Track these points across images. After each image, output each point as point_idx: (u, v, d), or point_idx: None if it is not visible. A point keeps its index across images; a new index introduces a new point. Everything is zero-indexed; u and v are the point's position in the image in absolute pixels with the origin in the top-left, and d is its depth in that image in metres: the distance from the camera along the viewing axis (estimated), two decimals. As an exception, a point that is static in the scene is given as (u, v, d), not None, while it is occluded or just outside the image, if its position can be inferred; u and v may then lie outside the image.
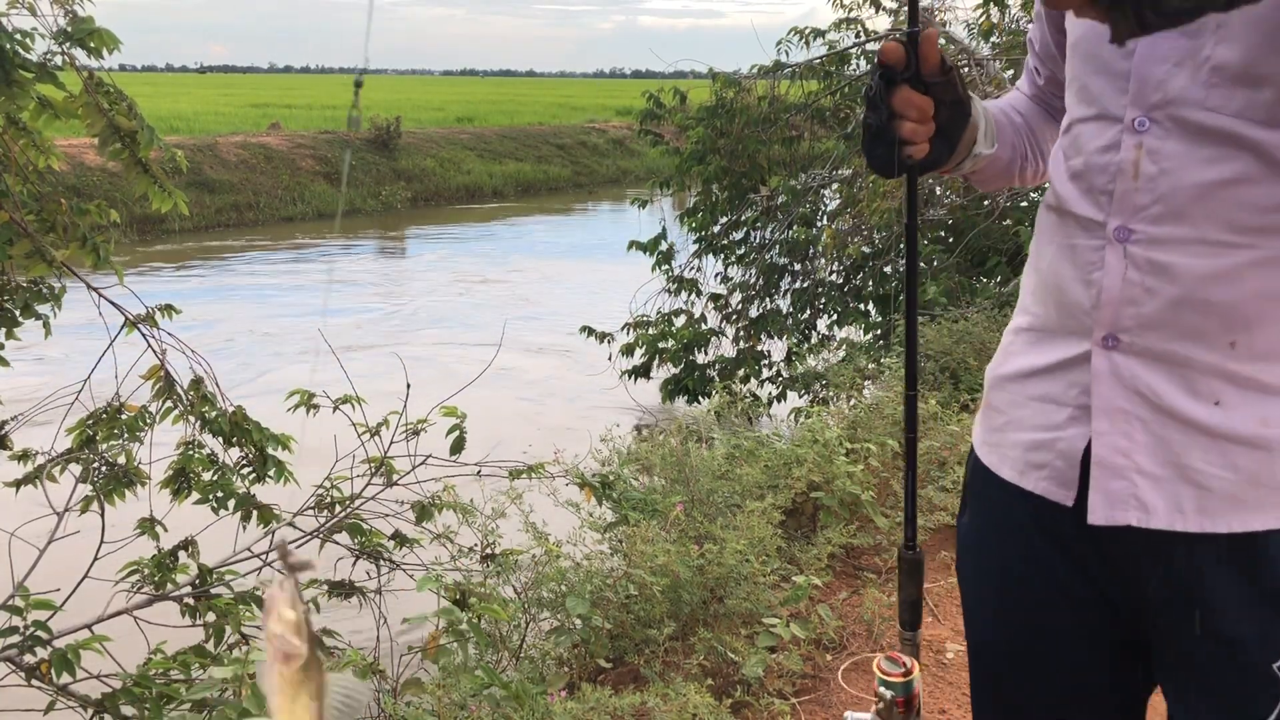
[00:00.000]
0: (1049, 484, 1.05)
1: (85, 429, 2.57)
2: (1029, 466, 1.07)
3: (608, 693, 2.31)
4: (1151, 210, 0.94)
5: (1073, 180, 1.01)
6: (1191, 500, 0.96)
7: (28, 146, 2.28)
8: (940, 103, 1.05)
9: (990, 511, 1.14)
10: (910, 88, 1.03)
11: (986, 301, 5.84)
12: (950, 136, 1.08)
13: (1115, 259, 0.96)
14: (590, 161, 29.35)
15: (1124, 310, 0.96)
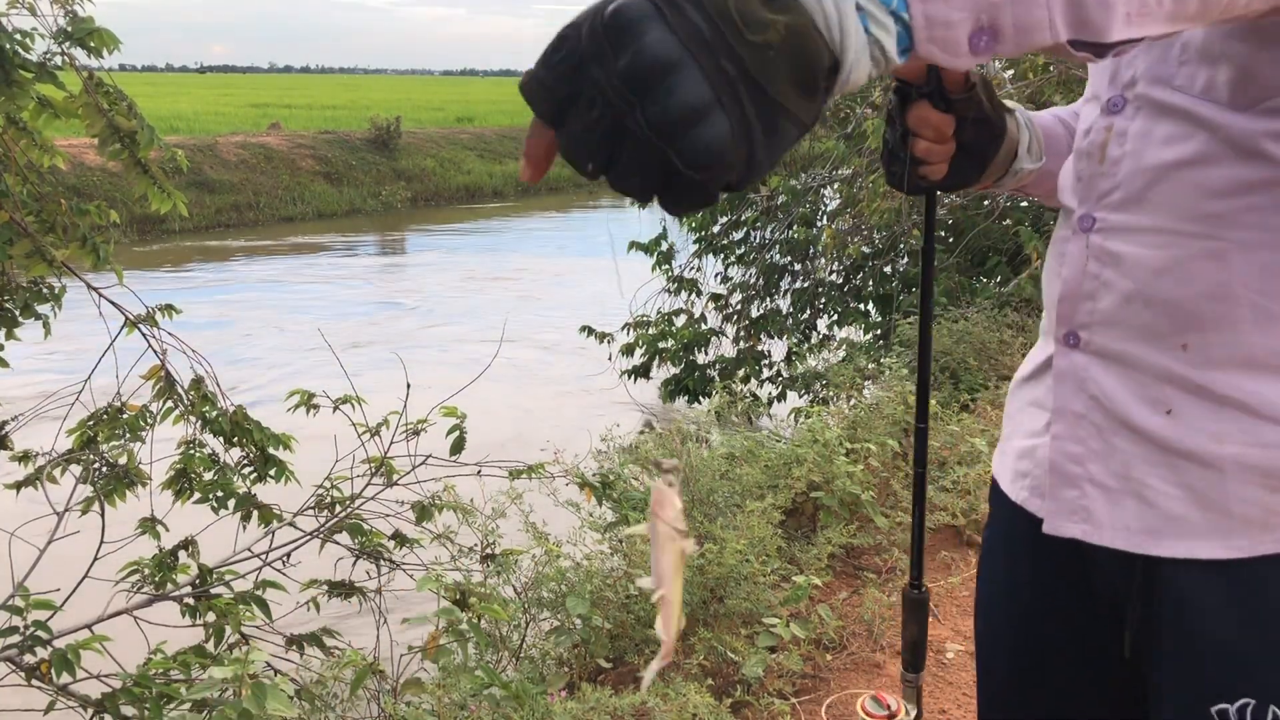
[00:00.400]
0: (1029, 494, 1.00)
1: (86, 429, 2.57)
2: (1017, 475, 1.03)
3: (608, 693, 2.32)
4: (1113, 196, 0.90)
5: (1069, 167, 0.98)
6: (1137, 518, 0.90)
7: (29, 146, 2.28)
8: (964, 120, 0.99)
9: (997, 523, 1.10)
10: (930, 104, 0.97)
11: (986, 301, 5.84)
12: (979, 155, 1.02)
13: (1077, 249, 0.93)
14: (590, 161, 29.33)
15: (1081, 305, 0.92)
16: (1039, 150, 1.08)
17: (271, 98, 41.29)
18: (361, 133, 24.55)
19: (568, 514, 3.20)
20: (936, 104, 0.97)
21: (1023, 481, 1.01)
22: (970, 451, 3.70)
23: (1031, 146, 1.07)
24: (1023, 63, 6.44)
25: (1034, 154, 1.07)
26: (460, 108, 38.78)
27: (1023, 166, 1.06)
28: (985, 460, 3.66)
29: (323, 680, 2.36)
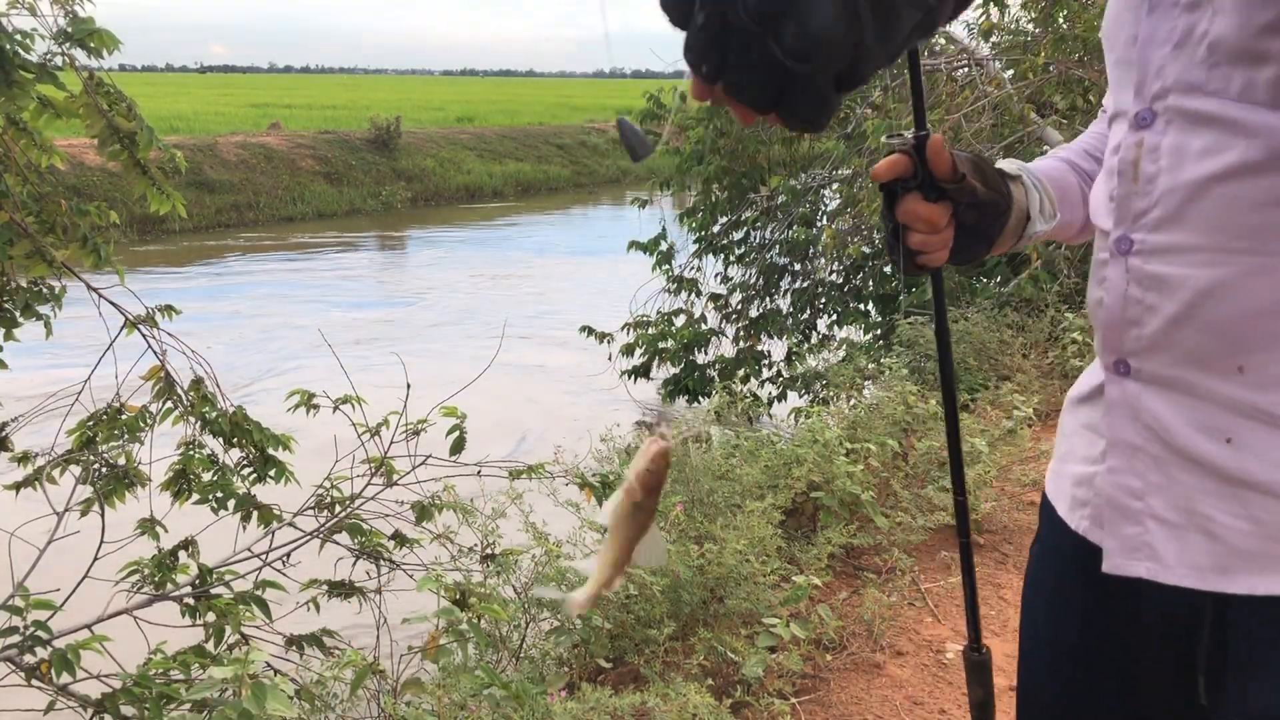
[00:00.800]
0: (1090, 525, 0.95)
1: (85, 430, 2.57)
2: (1076, 503, 0.98)
3: (608, 693, 2.32)
4: (1151, 215, 0.85)
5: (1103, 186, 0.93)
6: (1205, 554, 0.85)
7: (28, 146, 2.28)
8: (961, 205, 0.96)
9: (1048, 540, 1.05)
10: (920, 195, 0.94)
11: (986, 301, 5.85)
12: (984, 233, 0.99)
13: (1117, 274, 0.88)
14: (590, 161, 29.35)
15: (1127, 332, 0.87)
16: (1051, 209, 1.04)
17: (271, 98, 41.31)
18: (361, 133, 24.56)
19: (568, 514, 3.20)
20: (927, 195, 0.94)
21: (1082, 511, 0.97)
22: (970, 451, 3.70)
23: (1044, 207, 1.03)
24: (1023, 63, 6.44)
25: (1047, 214, 1.04)
26: (460, 108, 38.80)
27: (1036, 230, 1.03)
28: (985, 460, 3.66)
29: (323, 680, 2.36)
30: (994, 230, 0.99)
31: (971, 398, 4.64)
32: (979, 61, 6.81)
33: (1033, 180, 1.03)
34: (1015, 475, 3.90)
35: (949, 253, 0.99)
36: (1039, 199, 1.03)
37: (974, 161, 0.96)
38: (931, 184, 0.94)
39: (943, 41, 7.41)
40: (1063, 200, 1.06)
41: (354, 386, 2.76)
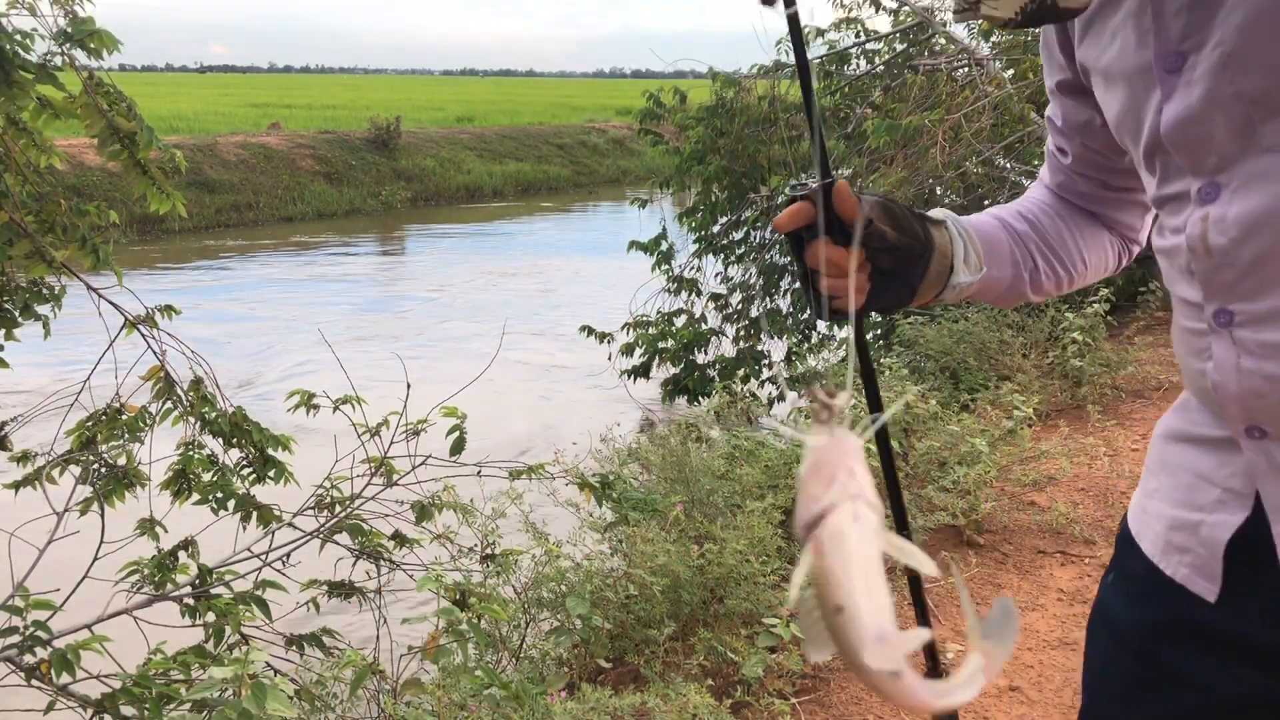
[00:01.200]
0: (1190, 573, 0.91)
1: (85, 430, 2.57)
2: (1170, 548, 0.93)
3: (608, 693, 2.32)
4: (1245, 285, 0.80)
5: (1163, 258, 0.89)
6: None
7: (28, 146, 2.28)
8: (873, 249, 0.94)
9: (1131, 584, 1.00)
10: (830, 241, 0.92)
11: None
12: (904, 278, 0.97)
13: (1224, 349, 0.83)
14: (590, 161, 29.35)
15: (1253, 404, 0.83)
16: (977, 261, 1.03)
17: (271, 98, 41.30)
18: (361, 133, 24.57)
19: (568, 514, 3.20)
20: (836, 240, 0.93)
21: (1180, 557, 0.92)
22: (970, 451, 3.70)
23: (969, 258, 1.02)
24: (1023, 63, 6.44)
25: (973, 265, 1.02)
26: (460, 108, 38.79)
27: (960, 280, 1.01)
28: (985, 460, 3.66)
29: (323, 680, 2.36)
30: (914, 276, 0.97)
31: (972, 398, 4.64)
32: (979, 61, 6.81)
33: (959, 229, 1.02)
34: (1015, 475, 3.90)
35: (867, 297, 0.97)
36: (964, 248, 1.01)
37: (883, 206, 0.95)
38: (838, 229, 0.93)
39: (943, 41, 7.42)
40: (990, 254, 1.04)
41: (354, 386, 2.77)
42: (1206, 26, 0.77)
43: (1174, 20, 0.80)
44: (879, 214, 0.93)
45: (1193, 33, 0.78)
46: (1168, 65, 0.81)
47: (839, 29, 7.75)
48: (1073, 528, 3.55)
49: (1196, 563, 0.90)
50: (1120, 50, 0.87)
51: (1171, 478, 0.94)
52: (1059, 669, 2.77)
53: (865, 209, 0.92)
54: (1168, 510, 0.94)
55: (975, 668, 0.57)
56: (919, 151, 6.41)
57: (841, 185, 0.92)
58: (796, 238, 0.95)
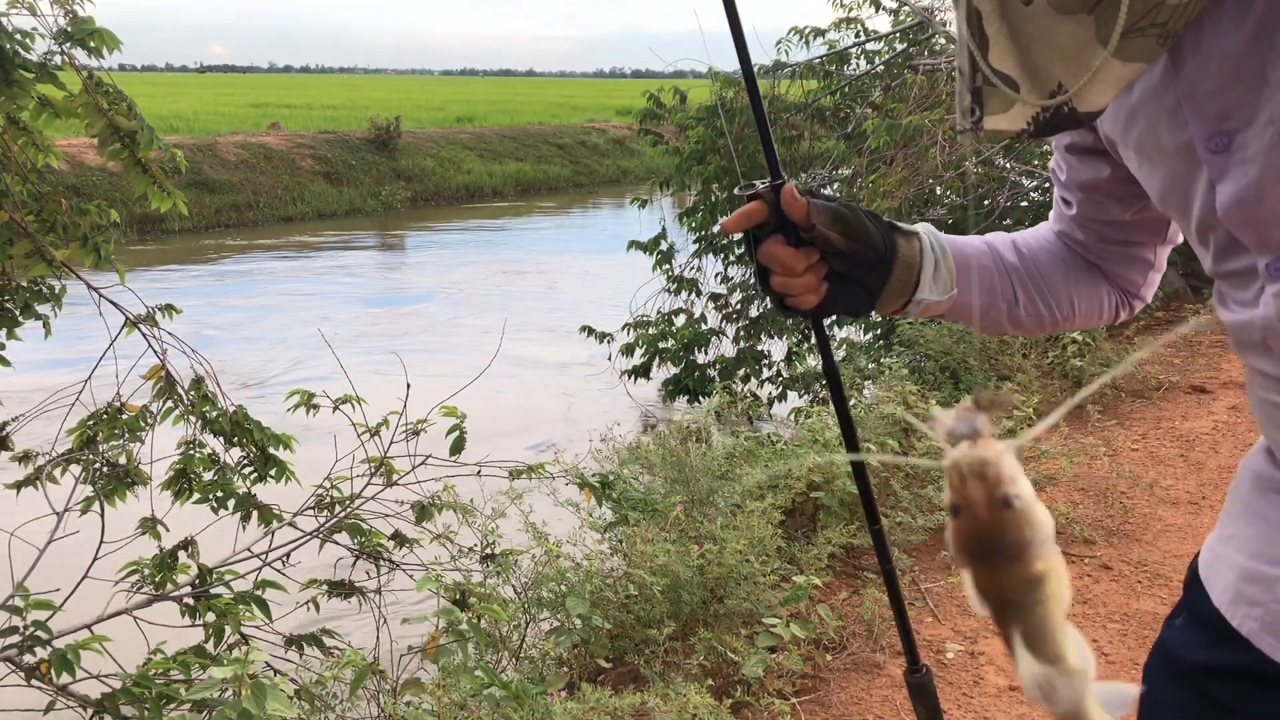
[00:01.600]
0: (1259, 628, 0.86)
1: (86, 429, 2.57)
2: (1240, 599, 0.88)
3: (608, 693, 2.32)
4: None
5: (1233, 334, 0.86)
6: None
7: (27, 146, 2.28)
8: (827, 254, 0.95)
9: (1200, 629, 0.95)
10: (782, 239, 0.94)
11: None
12: (862, 284, 0.97)
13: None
14: (590, 161, 29.35)
15: None
16: (949, 281, 1.01)
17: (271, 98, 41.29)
18: (361, 133, 24.57)
19: (568, 514, 3.20)
20: (788, 239, 0.94)
21: (1250, 610, 0.87)
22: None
23: (939, 276, 1.00)
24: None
25: (941, 285, 1.00)
26: (460, 108, 38.78)
27: (924, 297, 0.99)
28: (985, 460, 3.66)
29: (322, 680, 2.36)
30: (873, 283, 0.97)
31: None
32: (979, 61, 6.80)
33: (934, 246, 1.00)
34: (1015, 475, 3.90)
35: (823, 301, 0.98)
36: (935, 265, 0.99)
37: (833, 211, 0.94)
38: (790, 229, 0.94)
39: (943, 41, 7.42)
40: (965, 278, 1.02)
41: (354, 386, 2.76)
42: (1253, 104, 0.73)
43: (1209, 101, 0.77)
44: (825, 219, 0.93)
45: (1236, 111, 0.75)
46: (1213, 146, 0.78)
47: (839, 29, 7.75)
48: (1073, 528, 3.55)
49: (1268, 618, 0.86)
50: (1149, 129, 0.83)
51: (1251, 527, 0.89)
52: (1059, 669, 2.77)
53: (814, 214, 0.92)
54: (1243, 560, 0.89)
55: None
56: (919, 151, 6.41)
57: (788, 188, 0.93)
58: (752, 236, 0.96)
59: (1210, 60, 0.75)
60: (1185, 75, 0.78)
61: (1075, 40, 0.78)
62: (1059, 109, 0.81)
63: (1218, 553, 0.94)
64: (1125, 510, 3.74)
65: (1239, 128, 0.75)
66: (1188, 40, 0.76)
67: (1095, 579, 3.28)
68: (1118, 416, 4.80)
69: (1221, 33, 0.74)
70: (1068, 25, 0.77)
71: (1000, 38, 0.82)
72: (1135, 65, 0.77)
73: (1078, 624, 3.04)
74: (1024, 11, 0.80)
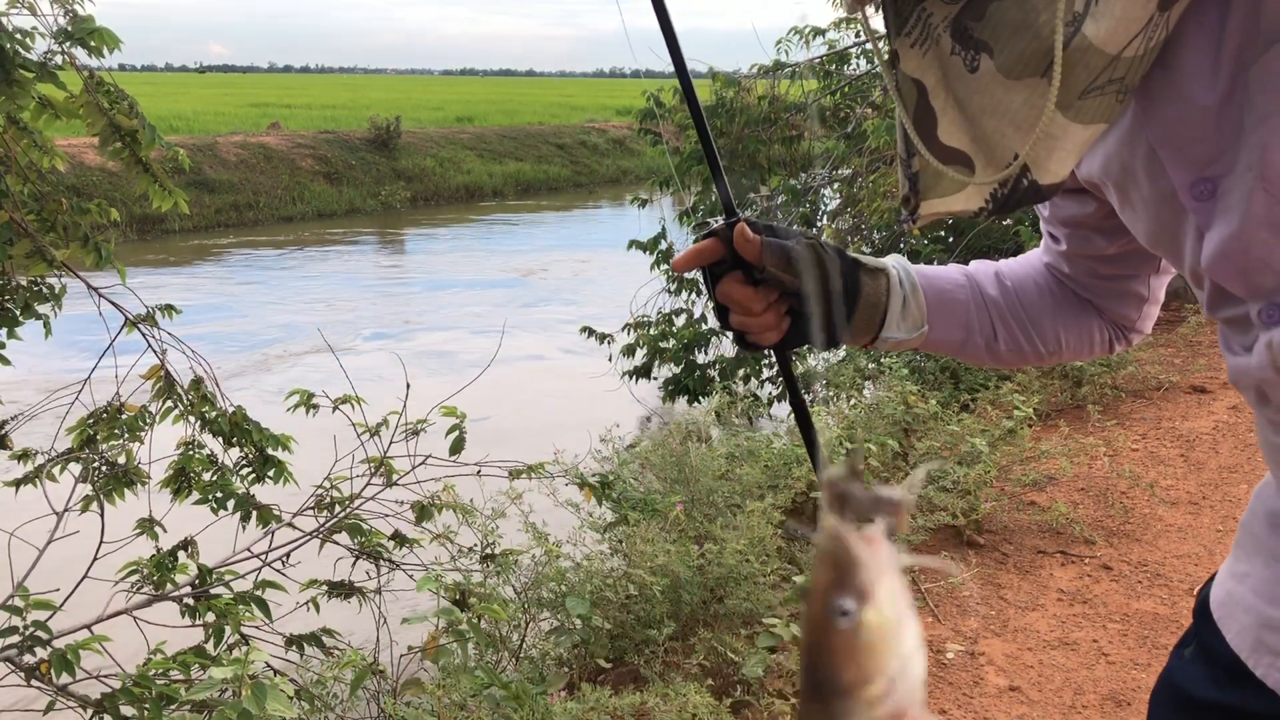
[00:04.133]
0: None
1: (86, 429, 2.57)
2: (1262, 647, 0.83)
3: (608, 693, 2.32)
4: None
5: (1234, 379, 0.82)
6: None
7: (29, 147, 2.28)
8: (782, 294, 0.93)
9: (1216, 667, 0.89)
10: (740, 278, 0.92)
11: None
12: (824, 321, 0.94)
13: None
14: (590, 161, 29.35)
15: None
16: (919, 318, 0.98)
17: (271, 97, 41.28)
18: (361, 132, 24.57)
19: (568, 514, 3.20)
20: (747, 278, 0.92)
21: (1274, 661, 0.82)
22: (970, 452, 3.70)
23: (907, 314, 0.97)
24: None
25: (910, 322, 0.97)
26: (460, 107, 38.77)
27: (891, 335, 0.97)
28: (985, 460, 3.66)
29: (322, 680, 2.36)
30: (837, 318, 0.94)
31: (972, 398, 4.64)
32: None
33: (903, 281, 0.97)
34: (1015, 475, 3.90)
35: (785, 335, 0.96)
36: (902, 303, 0.97)
37: (788, 251, 0.91)
38: (747, 269, 0.92)
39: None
40: (939, 314, 0.99)
41: (353, 386, 2.76)
42: (1233, 150, 0.71)
43: (1188, 149, 0.73)
44: (778, 261, 0.90)
45: (1218, 156, 0.72)
46: (1197, 193, 0.74)
47: (838, 29, 7.76)
48: (1073, 528, 3.55)
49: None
50: (1126, 175, 0.80)
51: (1268, 569, 0.84)
52: (1059, 669, 2.77)
53: (766, 255, 0.90)
54: (1262, 605, 0.84)
55: None
56: (919, 151, 6.40)
57: (740, 227, 0.91)
58: (709, 274, 0.94)
59: (1184, 109, 0.72)
60: (1157, 122, 0.74)
61: (1029, 108, 0.74)
62: (1018, 183, 0.78)
63: (1230, 590, 0.89)
64: (1125, 510, 3.74)
65: (1222, 173, 0.72)
66: (1154, 85, 0.73)
67: (1095, 579, 3.28)
68: (1118, 416, 4.80)
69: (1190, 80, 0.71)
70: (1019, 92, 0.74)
71: (949, 110, 0.79)
72: (1096, 127, 0.74)
73: (1078, 624, 3.01)
74: (971, 82, 0.77)
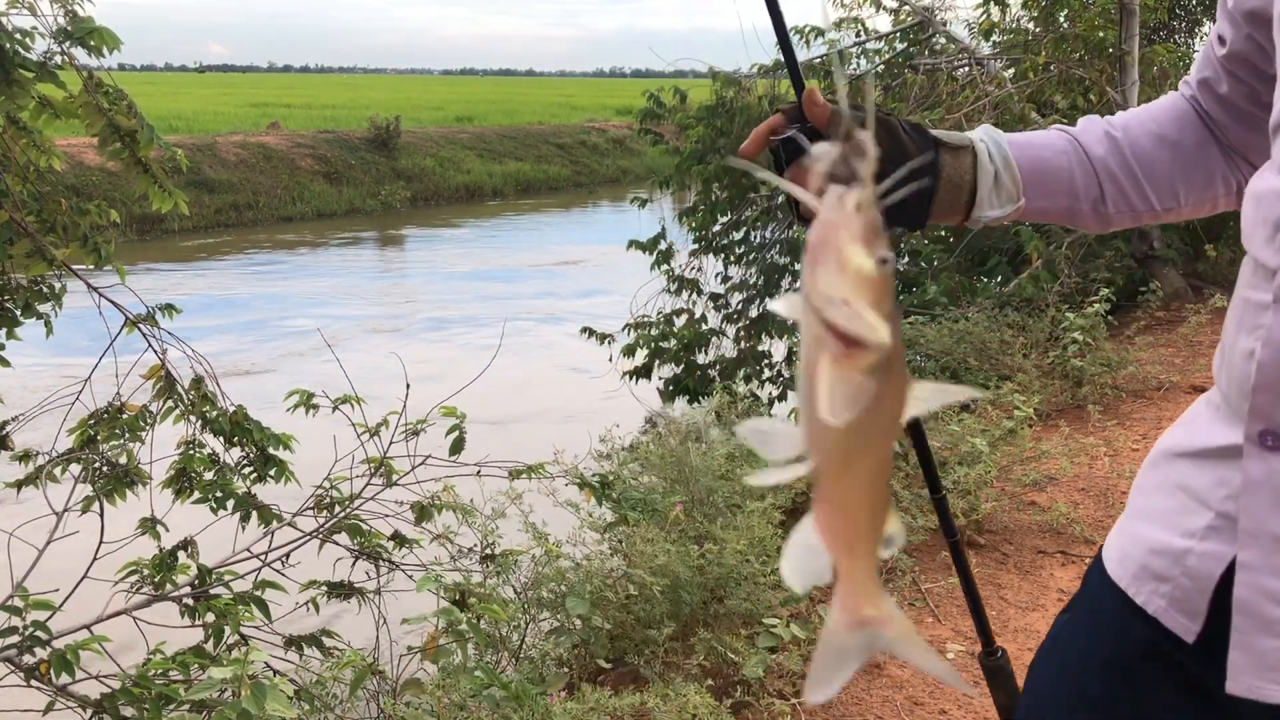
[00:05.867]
0: (1167, 606, 0.79)
1: (86, 429, 2.57)
2: (1146, 574, 0.81)
3: (607, 693, 2.31)
4: None
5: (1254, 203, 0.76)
6: None
7: (28, 146, 2.28)
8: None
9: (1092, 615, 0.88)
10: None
11: (987, 301, 5.85)
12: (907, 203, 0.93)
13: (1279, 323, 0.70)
14: (590, 161, 29.35)
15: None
16: (1014, 191, 0.92)
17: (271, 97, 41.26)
18: (361, 132, 24.56)
19: (568, 514, 3.19)
20: None
21: (1155, 586, 0.80)
22: (970, 452, 3.70)
23: (1001, 188, 0.91)
24: (1024, 63, 6.44)
25: (1005, 195, 0.92)
26: (460, 107, 38.75)
27: (985, 214, 0.91)
28: (985, 460, 3.66)
29: (322, 680, 2.36)
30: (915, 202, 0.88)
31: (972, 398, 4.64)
32: (979, 61, 6.80)
33: (993, 154, 0.91)
34: (1015, 475, 3.90)
35: None
36: (993, 177, 0.91)
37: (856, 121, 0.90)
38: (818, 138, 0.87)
39: (943, 41, 7.41)
40: (1038, 184, 0.93)
41: (353, 386, 2.76)
42: None
43: None
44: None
45: None
46: None
47: (839, 28, 7.75)
48: (1073, 528, 3.55)
49: (1177, 594, 0.79)
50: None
51: (1161, 496, 0.82)
52: (1059, 669, 2.77)
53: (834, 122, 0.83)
54: (1151, 532, 0.82)
55: None
56: (919, 151, 6.40)
57: (810, 90, 0.88)
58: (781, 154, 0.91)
59: None
60: None
61: None
62: None
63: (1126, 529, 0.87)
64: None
65: None
66: None
67: (1095, 579, 3.28)
68: (1118, 416, 4.80)
69: None
70: None
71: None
72: None
73: (1078, 624, 2.97)
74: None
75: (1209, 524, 0.76)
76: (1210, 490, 0.77)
